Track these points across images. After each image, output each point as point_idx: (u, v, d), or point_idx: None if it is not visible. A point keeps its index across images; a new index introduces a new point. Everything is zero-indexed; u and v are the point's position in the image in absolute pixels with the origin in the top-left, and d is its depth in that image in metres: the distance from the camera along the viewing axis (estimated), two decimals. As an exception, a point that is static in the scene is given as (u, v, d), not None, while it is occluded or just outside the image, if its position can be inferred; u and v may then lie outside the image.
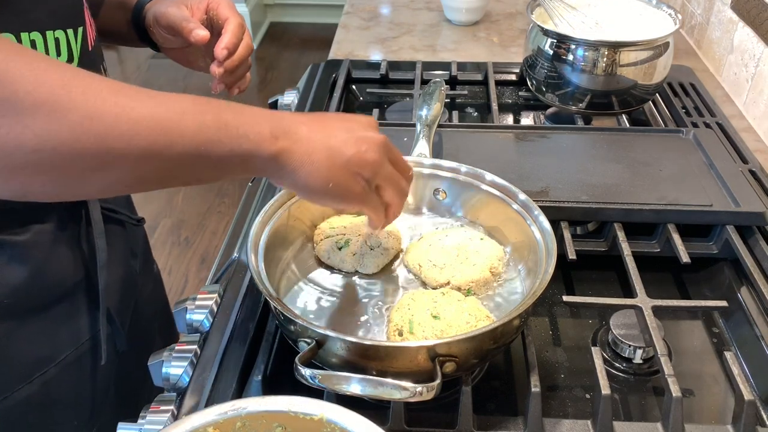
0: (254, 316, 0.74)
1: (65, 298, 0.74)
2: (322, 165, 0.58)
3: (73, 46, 0.68)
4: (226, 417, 0.49)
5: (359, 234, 0.75)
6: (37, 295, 0.71)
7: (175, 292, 2.33)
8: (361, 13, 1.60)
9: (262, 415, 0.49)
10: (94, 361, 0.78)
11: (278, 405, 0.49)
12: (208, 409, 0.49)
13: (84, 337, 0.77)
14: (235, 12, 0.81)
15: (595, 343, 0.75)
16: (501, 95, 1.23)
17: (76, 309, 0.76)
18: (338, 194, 0.60)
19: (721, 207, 0.82)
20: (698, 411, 0.68)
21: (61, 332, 0.74)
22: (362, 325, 0.68)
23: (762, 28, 1.12)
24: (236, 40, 0.78)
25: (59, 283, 0.73)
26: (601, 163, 0.90)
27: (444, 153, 0.91)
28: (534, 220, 0.72)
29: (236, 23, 0.79)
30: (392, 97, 1.23)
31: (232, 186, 2.87)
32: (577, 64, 1.03)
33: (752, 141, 1.08)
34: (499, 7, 1.62)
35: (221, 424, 0.49)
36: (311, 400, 0.48)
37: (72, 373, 0.76)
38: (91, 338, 0.77)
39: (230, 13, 0.80)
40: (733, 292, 0.79)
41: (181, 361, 0.69)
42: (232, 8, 0.82)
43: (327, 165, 0.58)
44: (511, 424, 0.64)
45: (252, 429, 0.49)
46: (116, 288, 0.82)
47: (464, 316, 0.64)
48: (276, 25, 4.29)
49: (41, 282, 0.71)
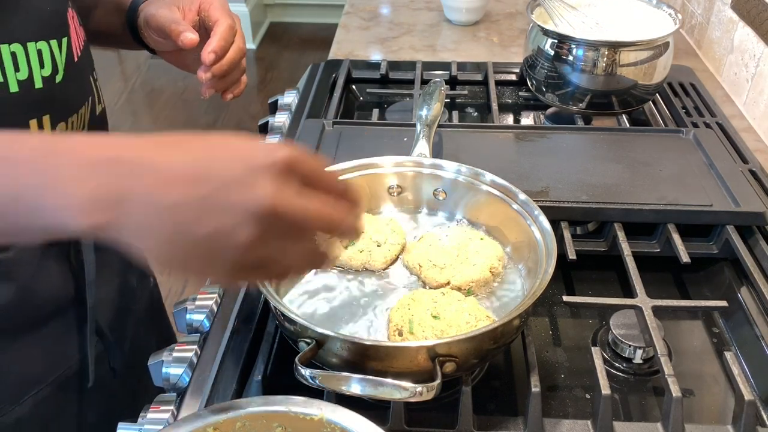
0: (254, 316, 0.74)
1: (55, 316, 0.72)
2: (163, 247, 0.42)
3: (57, 58, 0.67)
4: (227, 417, 0.49)
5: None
6: (25, 313, 0.69)
7: (175, 292, 2.33)
8: (361, 13, 1.60)
9: (262, 415, 0.49)
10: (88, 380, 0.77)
11: (278, 405, 0.49)
12: (208, 409, 0.49)
13: (77, 355, 0.75)
14: (226, 13, 0.77)
15: (595, 343, 0.75)
16: (501, 95, 1.23)
17: (68, 327, 0.74)
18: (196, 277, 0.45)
19: (721, 207, 0.82)
20: (698, 411, 0.68)
21: (52, 351, 0.73)
22: (362, 325, 0.67)
23: (762, 28, 1.12)
24: (225, 43, 0.74)
25: (48, 300, 0.71)
26: (601, 163, 0.89)
27: (444, 153, 0.91)
28: (534, 220, 0.72)
29: (226, 25, 0.75)
30: (392, 97, 1.22)
31: (232, 186, 2.86)
32: (577, 64, 1.03)
33: (752, 141, 1.08)
34: (499, 7, 1.62)
35: (221, 424, 0.49)
36: (311, 400, 0.48)
37: (65, 393, 0.74)
38: (84, 357, 0.76)
39: (221, 14, 0.76)
40: (733, 292, 0.79)
41: (181, 361, 0.69)
42: (224, 9, 0.77)
43: (169, 248, 0.42)
44: (511, 424, 0.64)
45: (252, 429, 0.49)
46: (111, 303, 0.80)
47: (464, 316, 0.64)
48: (276, 25, 4.29)
49: (29, 300, 0.69)
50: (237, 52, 0.76)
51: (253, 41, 4.00)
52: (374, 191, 0.81)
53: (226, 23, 0.75)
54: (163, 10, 0.77)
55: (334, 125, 0.99)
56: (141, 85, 3.61)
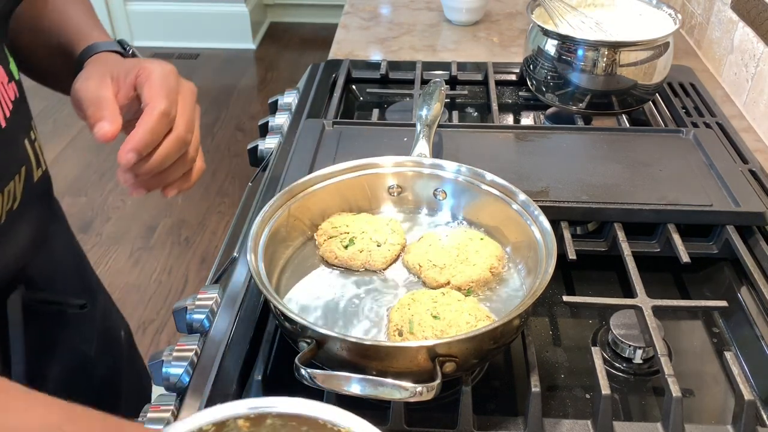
0: (254, 316, 0.74)
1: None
2: None
3: None
4: (259, 412, 0.49)
5: (363, 231, 0.75)
6: None
7: (175, 292, 2.33)
8: (361, 13, 1.60)
9: (293, 417, 0.48)
10: None
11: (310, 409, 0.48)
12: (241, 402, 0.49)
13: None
14: (163, 93, 0.61)
15: (595, 343, 0.75)
16: (501, 95, 1.23)
17: None
18: None
19: (721, 207, 0.82)
20: (698, 411, 0.68)
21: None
22: (362, 325, 0.68)
23: (762, 28, 1.12)
24: (152, 137, 0.59)
25: None
26: (601, 163, 0.90)
27: (444, 153, 0.91)
28: (534, 220, 0.72)
29: (157, 113, 0.59)
30: (392, 97, 1.22)
31: (232, 186, 2.87)
32: (577, 64, 1.03)
33: (752, 141, 1.08)
34: (499, 7, 1.62)
35: (253, 418, 0.49)
36: (342, 412, 0.48)
37: None
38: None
39: (156, 94, 0.60)
40: (733, 292, 0.79)
41: (181, 361, 0.69)
42: (163, 86, 0.61)
43: None
44: (511, 424, 0.64)
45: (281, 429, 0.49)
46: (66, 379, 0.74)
47: (464, 316, 0.64)
48: (276, 25, 4.29)
49: None
50: (174, 144, 0.62)
51: (253, 41, 4.00)
52: (374, 191, 0.81)
53: (158, 110, 0.60)
54: (91, 82, 0.62)
55: (334, 125, 0.99)
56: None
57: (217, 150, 3.08)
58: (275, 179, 0.94)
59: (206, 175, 2.92)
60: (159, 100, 0.60)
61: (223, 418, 0.48)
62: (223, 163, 3.00)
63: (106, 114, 0.58)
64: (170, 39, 3.93)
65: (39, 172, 0.71)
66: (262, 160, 1.06)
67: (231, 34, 3.94)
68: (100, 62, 0.67)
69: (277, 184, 0.92)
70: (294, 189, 0.76)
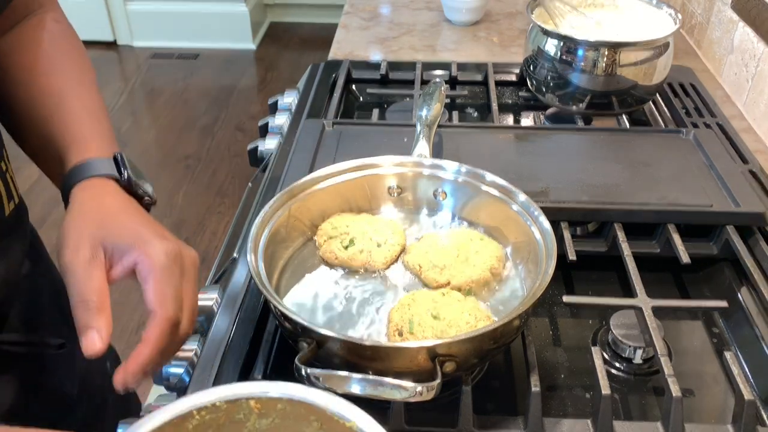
0: (254, 316, 0.74)
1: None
2: None
3: None
4: (269, 396, 0.49)
5: (363, 232, 0.75)
6: None
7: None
8: (361, 13, 1.60)
9: (302, 405, 0.49)
10: None
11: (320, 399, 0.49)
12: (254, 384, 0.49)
13: None
14: (169, 292, 0.54)
15: (595, 343, 0.75)
16: (501, 95, 1.23)
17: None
18: None
19: (721, 207, 0.82)
20: (698, 411, 0.68)
21: None
22: (362, 325, 0.68)
23: (762, 28, 1.12)
24: (158, 355, 0.53)
25: None
26: (601, 163, 0.90)
27: (444, 153, 0.91)
28: (534, 220, 0.72)
29: (167, 323, 0.53)
30: (392, 97, 1.22)
31: (232, 186, 2.87)
32: (578, 64, 1.03)
33: (752, 141, 1.08)
34: (499, 7, 1.62)
35: (264, 401, 0.49)
36: (349, 405, 0.48)
37: None
38: None
39: (161, 299, 0.53)
40: (733, 292, 0.79)
41: (181, 361, 0.69)
42: (168, 285, 0.54)
43: None
44: (511, 424, 0.64)
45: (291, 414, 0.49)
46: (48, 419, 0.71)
47: (464, 316, 0.64)
48: (276, 25, 4.29)
49: None
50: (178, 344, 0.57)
51: (253, 41, 4.00)
52: (374, 191, 0.81)
53: (166, 320, 0.53)
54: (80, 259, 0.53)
55: (334, 125, 0.99)
56: (141, 85, 3.61)
57: (217, 150, 3.08)
58: (275, 179, 0.94)
59: (206, 175, 2.92)
60: (165, 307, 0.54)
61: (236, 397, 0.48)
62: (223, 164, 3.00)
63: (98, 323, 0.51)
64: (170, 39, 3.93)
65: (11, 206, 0.67)
66: (262, 161, 1.06)
67: (231, 34, 3.94)
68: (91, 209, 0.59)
69: (277, 184, 0.92)
70: (294, 189, 0.76)
